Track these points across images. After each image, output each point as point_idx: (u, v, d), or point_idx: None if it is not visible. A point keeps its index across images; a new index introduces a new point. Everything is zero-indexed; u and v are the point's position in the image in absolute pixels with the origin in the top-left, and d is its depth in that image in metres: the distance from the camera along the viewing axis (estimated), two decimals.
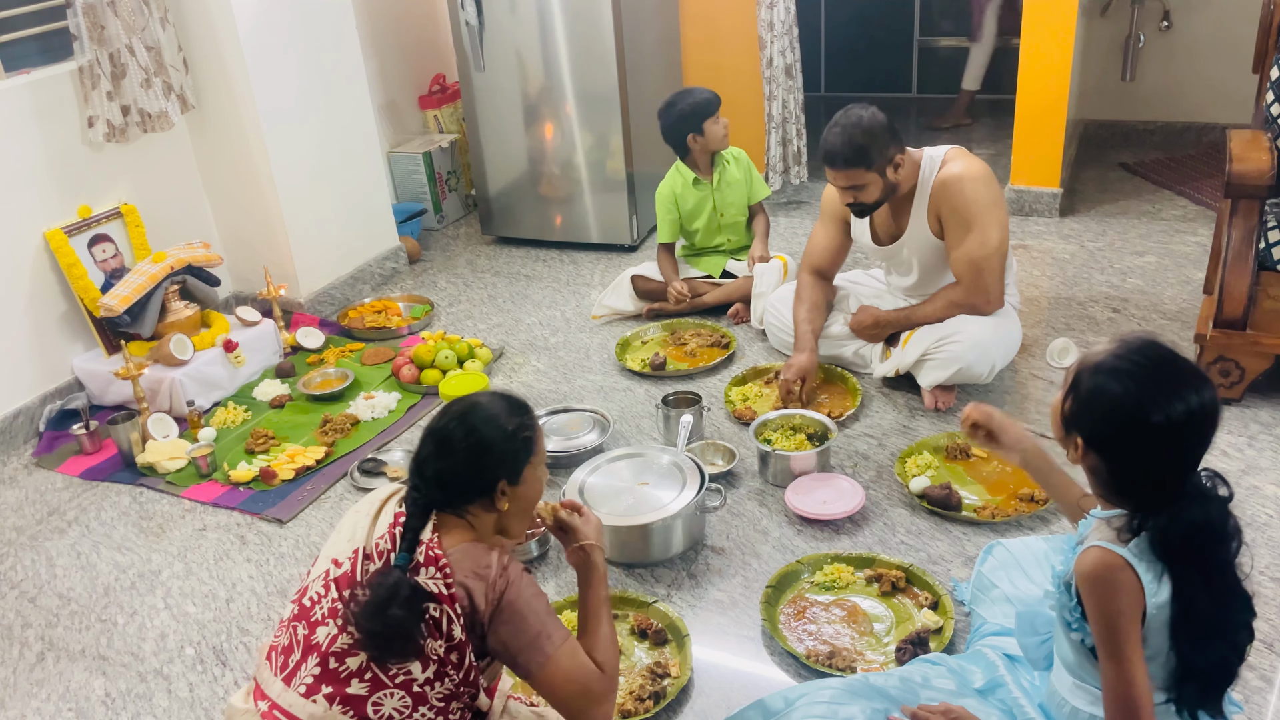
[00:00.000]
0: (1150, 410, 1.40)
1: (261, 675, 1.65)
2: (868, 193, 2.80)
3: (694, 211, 3.67)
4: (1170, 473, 1.44)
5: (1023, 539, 2.21)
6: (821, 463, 2.67)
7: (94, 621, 2.46)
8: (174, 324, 3.45)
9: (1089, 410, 1.47)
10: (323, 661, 1.56)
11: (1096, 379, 1.46)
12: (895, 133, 2.79)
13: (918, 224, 2.89)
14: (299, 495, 2.86)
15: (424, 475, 1.63)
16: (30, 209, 3.28)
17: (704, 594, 2.34)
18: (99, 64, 3.32)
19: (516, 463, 1.66)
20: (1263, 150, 2.71)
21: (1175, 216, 4.12)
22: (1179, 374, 1.43)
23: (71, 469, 3.11)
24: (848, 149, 2.73)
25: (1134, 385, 1.42)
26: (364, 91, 4.07)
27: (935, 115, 5.54)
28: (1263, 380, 2.82)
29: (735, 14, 4.41)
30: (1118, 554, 1.43)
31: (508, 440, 1.65)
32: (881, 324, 3.03)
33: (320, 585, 1.61)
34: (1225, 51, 4.61)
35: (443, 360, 3.37)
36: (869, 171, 2.76)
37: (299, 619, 1.62)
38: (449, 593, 1.53)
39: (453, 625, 1.53)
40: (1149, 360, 1.44)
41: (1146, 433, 1.41)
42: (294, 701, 1.57)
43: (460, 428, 1.64)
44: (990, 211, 2.79)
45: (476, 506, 1.65)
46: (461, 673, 1.56)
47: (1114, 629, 1.43)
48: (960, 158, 2.83)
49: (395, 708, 1.55)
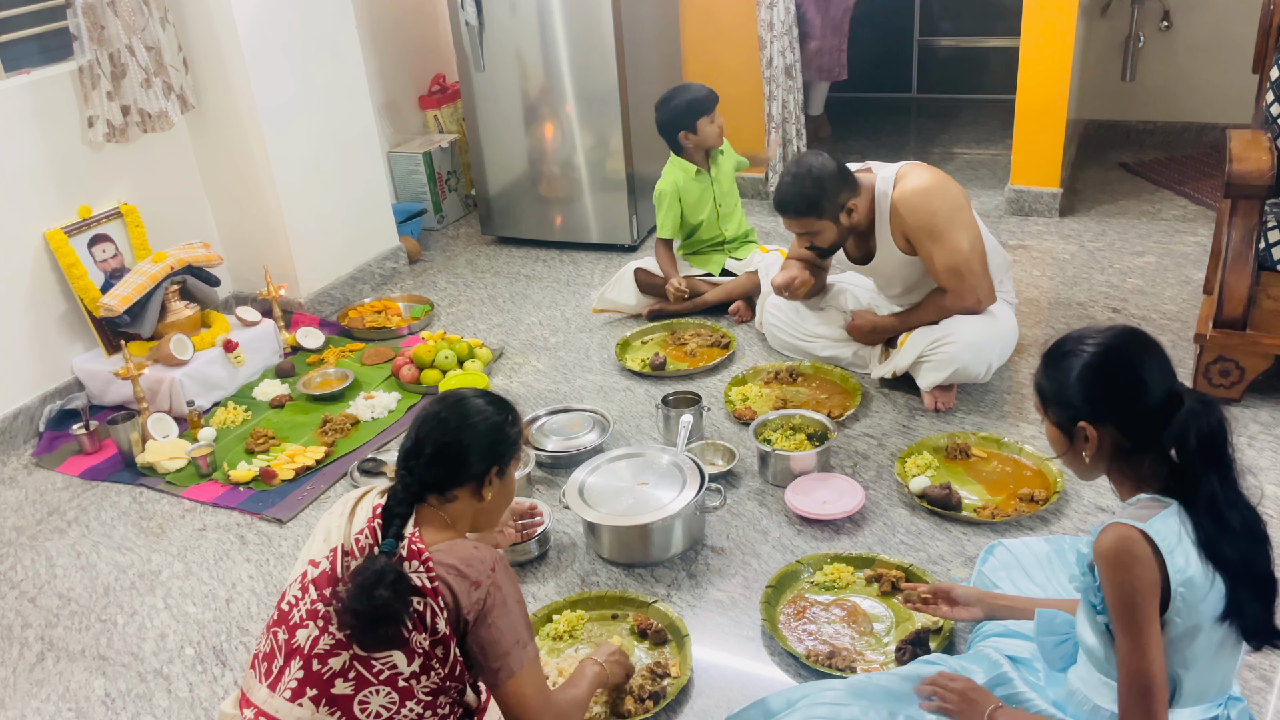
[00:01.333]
0: (1110, 342, 1.54)
1: (247, 683, 1.65)
2: (822, 237, 2.87)
3: (697, 204, 3.67)
4: (1167, 383, 1.52)
5: (1024, 539, 2.22)
6: (821, 463, 2.67)
7: (94, 621, 2.46)
8: (174, 324, 3.45)
9: (1073, 390, 1.56)
10: (306, 664, 1.56)
11: (1057, 372, 1.58)
12: (847, 178, 2.82)
13: (885, 245, 2.91)
14: (299, 495, 2.86)
15: (420, 453, 1.65)
16: (30, 209, 3.28)
17: (704, 594, 2.34)
18: (99, 64, 3.33)
19: (508, 454, 1.72)
20: (1263, 150, 2.71)
21: (1175, 216, 4.12)
22: (1093, 325, 1.63)
23: (71, 469, 3.11)
24: (798, 200, 2.80)
25: (1085, 345, 1.56)
26: (364, 91, 4.07)
27: None
28: (1262, 380, 2.82)
29: (735, 14, 4.41)
30: (1135, 526, 1.46)
31: (503, 429, 1.71)
32: (878, 330, 3.05)
33: (298, 589, 1.62)
34: (1225, 51, 4.61)
35: (443, 360, 3.37)
36: (820, 220, 2.82)
37: (279, 624, 1.62)
38: (431, 586, 1.54)
39: (436, 619, 1.54)
40: (1068, 336, 1.61)
41: (1128, 360, 1.53)
42: (280, 706, 1.57)
43: (464, 409, 1.69)
44: (951, 218, 2.80)
45: (463, 493, 1.67)
46: (447, 667, 1.57)
47: (1131, 605, 1.45)
48: (912, 172, 2.85)
49: (382, 704, 1.55)
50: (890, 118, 5.77)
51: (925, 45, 6.02)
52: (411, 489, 1.64)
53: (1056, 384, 1.58)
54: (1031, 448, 2.67)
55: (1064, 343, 1.60)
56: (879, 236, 2.91)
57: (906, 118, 5.82)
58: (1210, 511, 1.46)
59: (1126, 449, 1.54)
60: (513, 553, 2.46)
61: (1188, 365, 2.98)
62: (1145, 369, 1.52)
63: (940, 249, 2.80)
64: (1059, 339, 1.63)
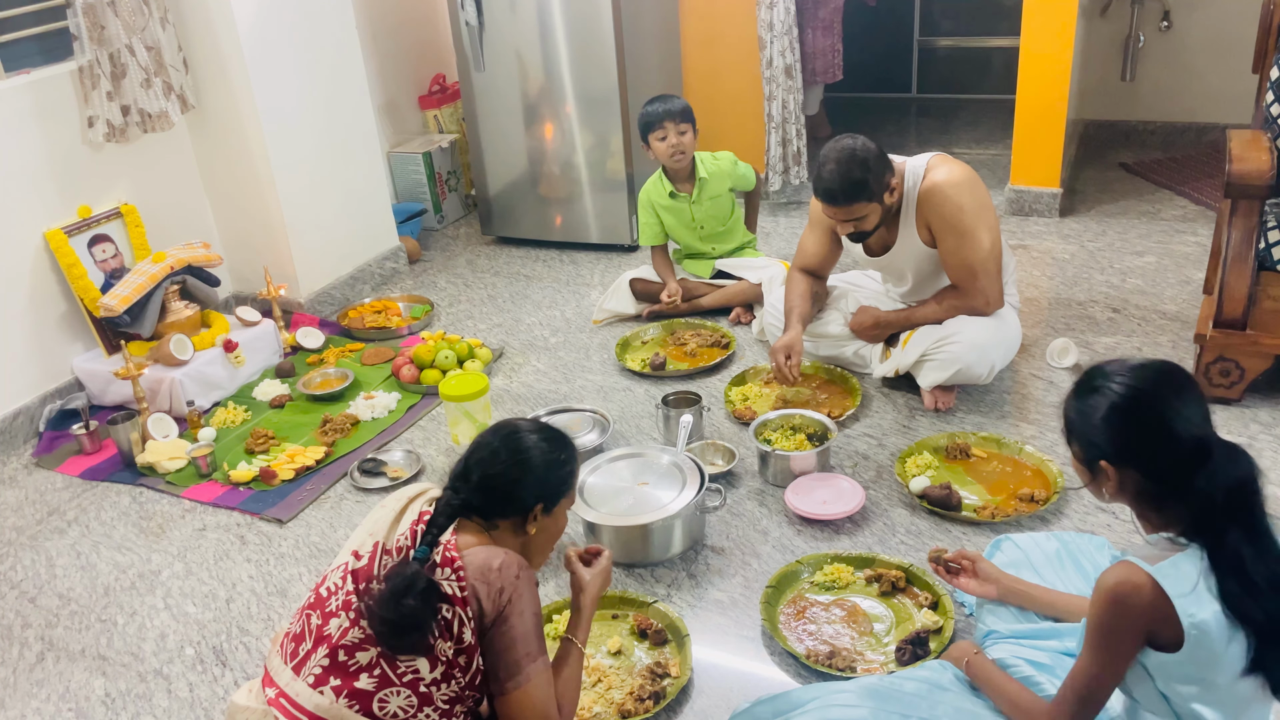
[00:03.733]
0: (1141, 384, 1.48)
1: (271, 662, 1.66)
2: (868, 221, 2.79)
3: (674, 223, 3.65)
4: (1199, 430, 1.47)
5: (1031, 535, 2.19)
6: (821, 463, 2.67)
7: (94, 621, 2.46)
8: (174, 324, 3.45)
9: (1098, 430, 1.51)
10: (332, 653, 1.57)
11: (1084, 406, 1.54)
12: (885, 157, 2.77)
13: (908, 235, 2.89)
14: (299, 495, 2.86)
15: (468, 479, 1.66)
16: (30, 209, 3.28)
17: (704, 594, 2.34)
18: (99, 64, 3.32)
19: (558, 492, 1.73)
20: (1263, 150, 2.71)
21: (1175, 216, 4.12)
22: (1130, 360, 1.55)
23: (71, 469, 3.11)
24: (849, 186, 2.69)
25: (1115, 383, 1.50)
26: (364, 91, 4.07)
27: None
28: (1262, 380, 2.82)
29: (735, 14, 4.41)
30: (1143, 570, 1.43)
31: (555, 468, 1.72)
32: (881, 325, 3.03)
33: (338, 576, 1.63)
34: (1225, 51, 4.61)
35: (443, 360, 3.37)
36: (870, 203, 2.74)
37: (314, 607, 1.63)
38: (461, 595, 1.54)
39: (464, 628, 1.54)
40: (1102, 368, 1.54)
41: (1157, 406, 1.47)
42: (301, 691, 1.57)
43: (516, 444, 1.70)
44: (979, 216, 2.78)
45: (507, 524, 1.68)
46: (468, 676, 1.57)
47: (1109, 639, 1.46)
48: (942, 164, 2.83)
49: (400, 706, 1.55)
50: (890, 118, 5.78)
51: (925, 45, 6.02)
52: (455, 506, 1.65)
53: (1083, 419, 1.54)
54: (1032, 448, 2.67)
55: (1095, 374, 1.54)
56: (902, 226, 2.88)
57: (906, 118, 5.82)
58: (1234, 568, 1.42)
59: (1149, 491, 1.51)
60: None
61: (1188, 365, 2.98)
62: (1175, 416, 1.46)
63: (961, 244, 2.79)
64: (1092, 368, 1.57)
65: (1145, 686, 1.52)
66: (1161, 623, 1.43)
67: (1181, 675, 1.46)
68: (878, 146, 2.74)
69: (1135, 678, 1.52)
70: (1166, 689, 1.49)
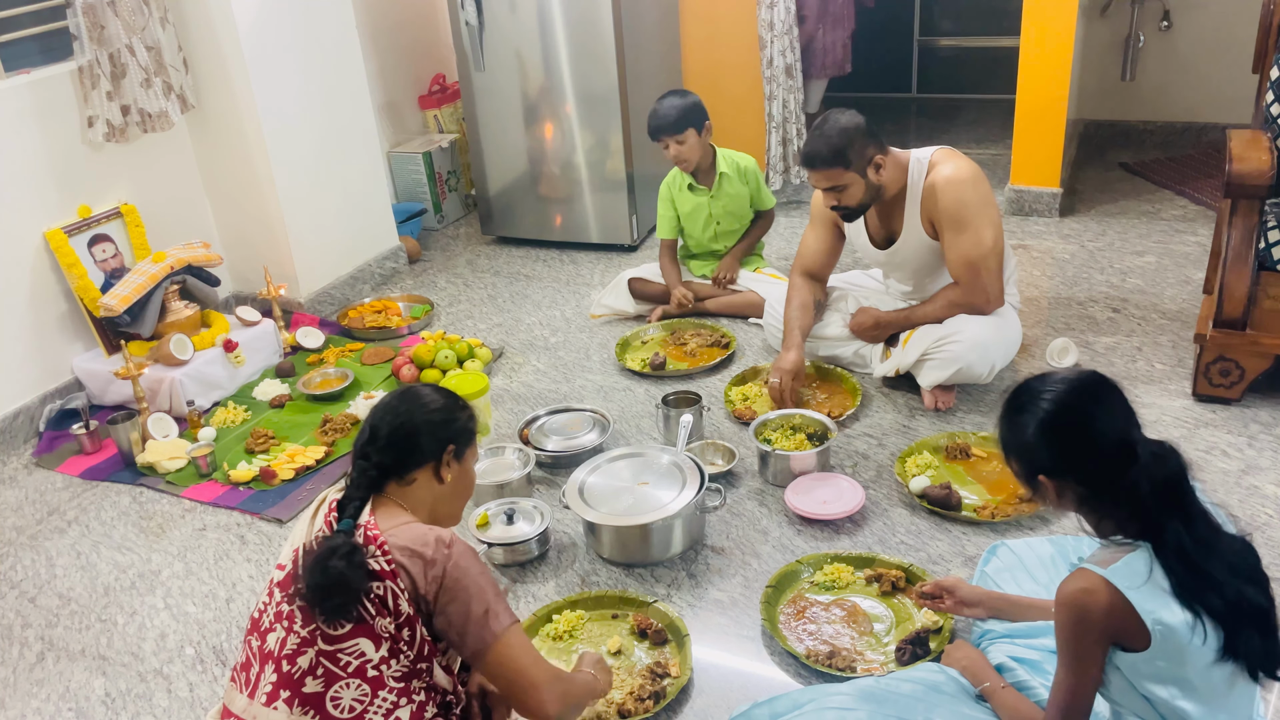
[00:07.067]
0: (1063, 397, 1.53)
1: (228, 695, 1.67)
2: (849, 194, 2.81)
3: (691, 215, 3.66)
4: (1122, 434, 1.51)
5: (1026, 540, 2.21)
6: (821, 462, 2.67)
7: (94, 621, 2.46)
8: (174, 324, 3.45)
9: (1030, 446, 1.57)
10: (277, 667, 1.57)
11: (1014, 424, 1.59)
12: (874, 134, 2.79)
13: (911, 227, 2.89)
14: (299, 495, 2.86)
15: (376, 439, 1.67)
16: (30, 209, 3.27)
17: (704, 594, 2.34)
18: (99, 64, 3.32)
19: (463, 435, 1.74)
20: (1263, 150, 2.71)
21: (1175, 216, 4.12)
22: (1053, 374, 1.60)
23: (71, 469, 3.11)
24: (825, 150, 2.75)
25: (1040, 400, 1.55)
26: (364, 91, 4.07)
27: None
28: (1263, 380, 2.82)
29: (735, 14, 4.41)
30: (1096, 574, 1.47)
31: (455, 411, 1.75)
32: (881, 325, 3.03)
33: (265, 594, 1.65)
34: (1225, 51, 4.61)
35: (443, 360, 3.37)
36: (848, 171, 2.76)
37: (252, 631, 1.65)
38: (390, 569, 1.55)
39: (399, 600, 1.55)
40: (1028, 385, 1.60)
41: (1076, 414, 1.53)
42: (258, 712, 1.58)
43: (413, 394, 1.75)
44: (982, 212, 2.79)
45: (423, 475, 1.69)
46: (414, 649, 1.57)
47: (1077, 647, 1.50)
48: (948, 159, 2.83)
49: (354, 699, 1.55)
50: (890, 117, 5.77)
51: (925, 45, 6.02)
52: (369, 474, 1.65)
53: (1015, 437, 1.59)
54: None
55: (1021, 393, 1.61)
56: (907, 217, 2.89)
57: (906, 117, 5.82)
58: (1181, 559, 1.46)
59: (1090, 497, 1.55)
60: (513, 552, 2.46)
61: (1188, 365, 2.98)
62: (1096, 422, 1.52)
63: (963, 239, 2.79)
64: (1016, 388, 1.63)
65: (1126, 691, 1.54)
66: (1124, 622, 1.46)
67: (1154, 673, 1.48)
68: (866, 122, 2.77)
69: (1116, 684, 1.54)
70: (1146, 691, 1.51)
